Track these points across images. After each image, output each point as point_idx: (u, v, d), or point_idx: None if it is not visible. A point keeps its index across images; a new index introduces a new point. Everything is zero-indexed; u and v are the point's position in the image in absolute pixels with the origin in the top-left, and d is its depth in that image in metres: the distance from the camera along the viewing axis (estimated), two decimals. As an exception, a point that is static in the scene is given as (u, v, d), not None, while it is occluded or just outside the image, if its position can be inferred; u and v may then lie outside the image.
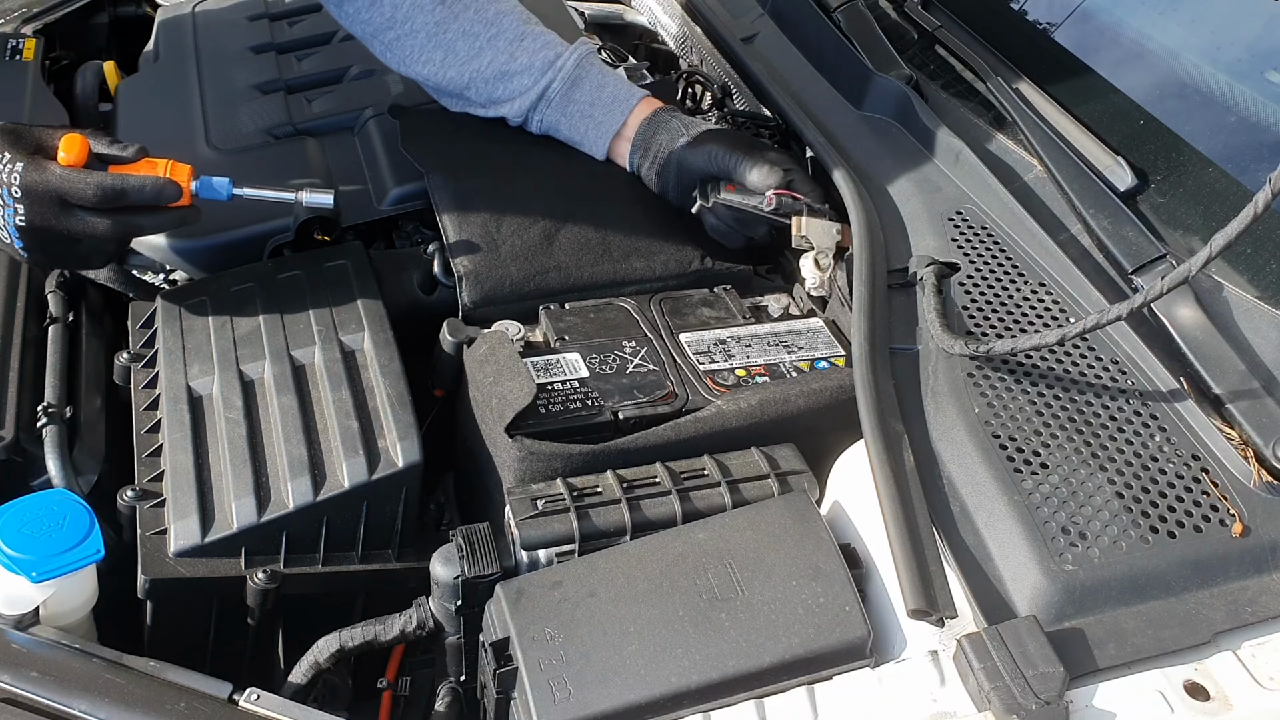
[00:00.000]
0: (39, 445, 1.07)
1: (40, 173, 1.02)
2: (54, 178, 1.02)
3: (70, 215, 1.04)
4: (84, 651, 0.90)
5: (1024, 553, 0.89)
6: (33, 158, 1.03)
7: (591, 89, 1.31)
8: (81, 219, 1.04)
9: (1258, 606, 0.89)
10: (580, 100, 1.31)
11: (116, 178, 1.04)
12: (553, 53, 1.31)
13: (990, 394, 1.01)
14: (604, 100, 1.31)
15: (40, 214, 1.03)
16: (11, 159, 1.02)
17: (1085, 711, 0.82)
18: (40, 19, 1.65)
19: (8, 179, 1.02)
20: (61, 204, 1.03)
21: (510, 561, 0.95)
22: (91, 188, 1.03)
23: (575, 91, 1.31)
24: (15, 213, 1.03)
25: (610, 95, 1.31)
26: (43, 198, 1.02)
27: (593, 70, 1.32)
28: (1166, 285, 0.90)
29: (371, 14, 1.29)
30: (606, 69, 1.34)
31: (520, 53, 1.30)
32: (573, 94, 1.31)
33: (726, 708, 0.84)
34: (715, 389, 1.08)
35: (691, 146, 1.25)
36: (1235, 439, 0.99)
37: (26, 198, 1.02)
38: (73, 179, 1.03)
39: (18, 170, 1.02)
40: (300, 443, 1.03)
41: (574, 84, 1.31)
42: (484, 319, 1.15)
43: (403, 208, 1.31)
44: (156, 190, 1.06)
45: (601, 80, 1.32)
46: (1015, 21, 1.52)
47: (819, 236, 1.19)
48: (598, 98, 1.31)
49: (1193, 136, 1.21)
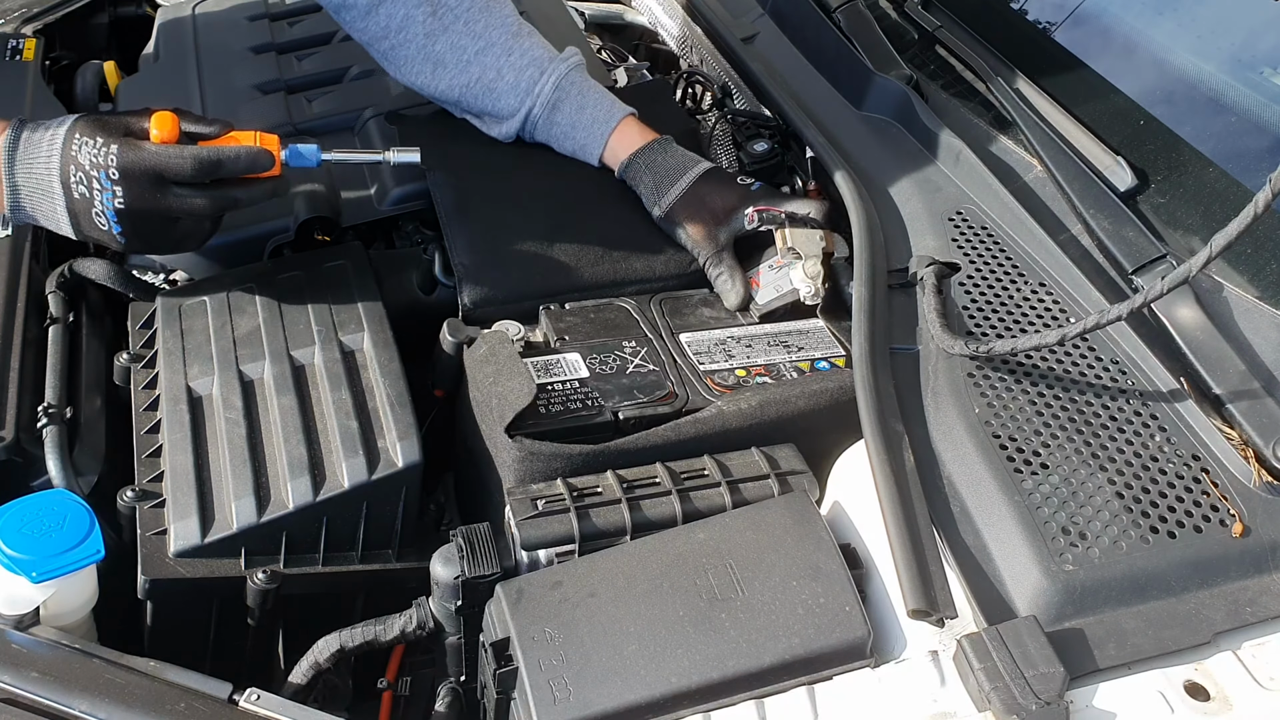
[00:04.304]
0: (39, 445, 1.07)
1: (136, 152, 1.01)
2: (151, 155, 1.01)
3: (169, 193, 1.03)
4: (84, 651, 0.90)
5: (1024, 553, 0.89)
6: (125, 139, 1.02)
7: (571, 111, 1.31)
8: (180, 196, 1.03)
9: (1258, 607, 0.89)
10: (561, 123, 1.32)
11: (212, 150, 1.03)
12: (536, 71, 1.30)
13: (990, 394, 1.01)
14: (584, 122, 1.31)
15: (139, 195, 1.02)
16: (105, 142, 1.01)
17: (1085, 711, 0.82)
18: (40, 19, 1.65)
19: (104, 161, 1.00)
20: (159, 182, 1.02)
21: (510, 561, 0.95)
22: (189, 161, 1.02)
23: (556, 115, 1.31)
24: (114, 196, 1.01)
25: (590, 118, 1.31)
26: (141, 177, 1.01)
27: (571, 92, 1.31)
28: (1166, 285, 0.90)
29: (367, 23, 1.29)
30: (586, 87, 1.33)
31: (507, 69, 1.30)
32: (554, 118, 1.31)
33: (727, 708, 0.84)
34: (715, 389, 1.08)
35: (664, 222, 1.26)
36: (1235, 439, 0.99)
37: (125, 179, 1.01)
38: (170, 154, 1.02)
39: (113, 152, 1.00)
40: (300, 443, 1.03)
41: (554, 108, 1.31)
42: (484, 319, 1.15)
43: (403, 208, 1.31)
44: (251, 159, 1.05)
45: (581, 102, 1.31)
46: (1015, 21, 1.52)
47: (805, 245, 1.20)
48: (578, 120, 1.31)
49: (1193, 136, 1.21)
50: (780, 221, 1.21)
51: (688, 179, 1.25)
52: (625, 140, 1.30)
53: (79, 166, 1.01)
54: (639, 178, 1.28)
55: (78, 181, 1.02)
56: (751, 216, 1.22)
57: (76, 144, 1.01)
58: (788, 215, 1.22)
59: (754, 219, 1.22)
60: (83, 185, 1.02)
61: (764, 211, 1.22)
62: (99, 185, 1.01)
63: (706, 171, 1.26)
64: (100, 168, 1.01)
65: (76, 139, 1.01)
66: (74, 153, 1.01)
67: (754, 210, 1.22)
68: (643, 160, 1.28)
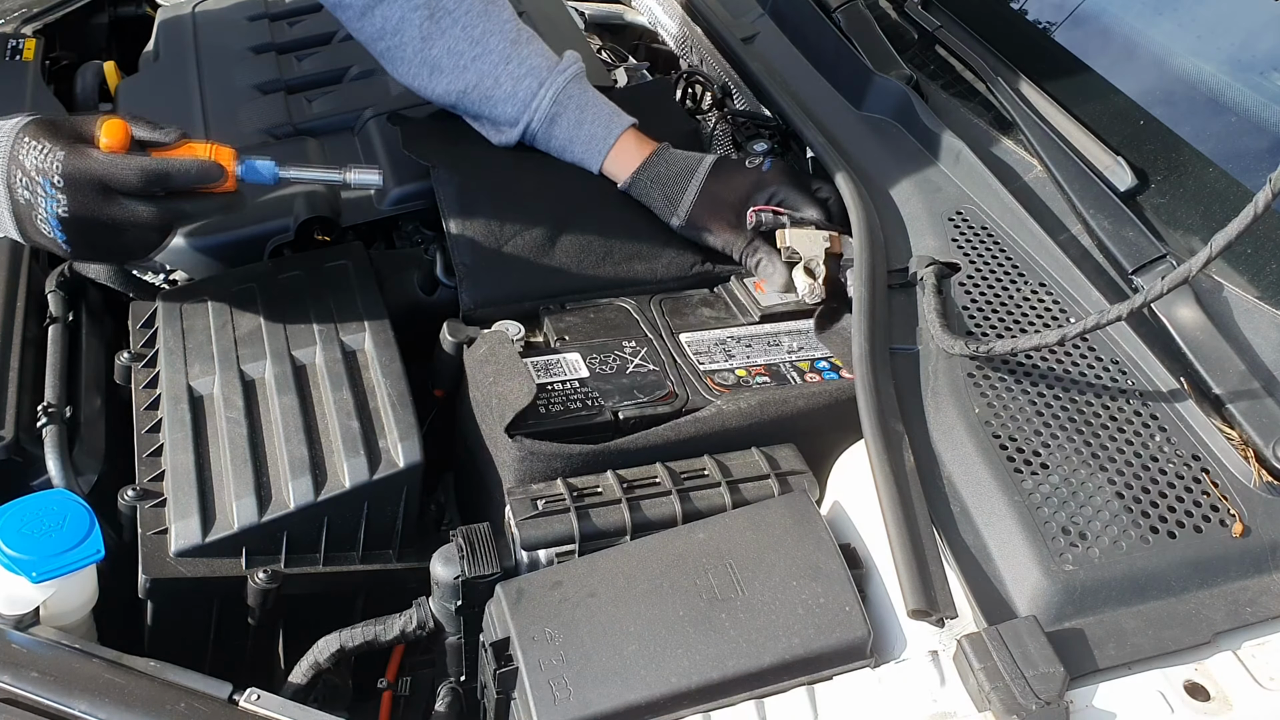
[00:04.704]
0: (39, 445, 1.07)
1: (82, 160, 0.98)
2: (96, 164, 0.99)
3: (114, 203, 1.00)
4: (84, 651, 0.90)
5: (1024, 553, 0.89)
6: (73, 145, 0.99)
7: (569, 126, 1.30)
8: (126, 206, 1.01)
9: (1258, 606, 0.89)
10: (559, 137, 1.31)
11: (160, 161, 1.01)
12: (534, 82, 1.28)
13: (990, 394, 1.01)
14: (581, 138, 1.30)
15: (83, 203, 0.99)
16: (51, 148, 0.98)
17: (1085, 711, 0.82)
18: (40, 19, 1.65)
19: (48, 167, 0.98)
20: (104, 191, 0.99)
21: (510, 561, 0.95)
22: (135, 172, 0.99)
23: (554, 129, 1.30)
24: (57, 203, 0.99)
25: (588, 134, 1.30)
26: (85, 186, 0.99)
27: (569, 106, 1.30)
28: (1166, 285, 0.90)
29: (363, 24, 1.28)
30: (585, 100, 1.31)
31: (504, 78, 1.28)
32: (552, 131, 1.31)
33: (726, 708, 0.84)
34: (715, 389, 1.08)
35: (688, 230, 1.26)
36: (1235, 439, 0.99)
37: (69, 186, 0.98)
38: (115, 164, 0.99)
39: (58, 158, 0.98)
40: (301, 443, 1.03)
41: (551, 121, 1.30)
42: (484, 319, 1.15)
43: (403, 208, 1.31)
44: (201, 173, 1.03)
45: (579, 117, 1.30)
46: (1015, 21, 1.52)
47: (806, 246, 1.20)
48: (575, 135, 1.30)
49: (1193, 136, 1.21)
50: (780, 224, 1.22)
51: (696, 182, 1.25)
52: (625, 155, 1.29)
53: (24, 171, 0.98)
54: (648, 194, 1.28)
55: (22, 186, 0.99)
56: (751, 216, 1.23)
57: (24, 147, 0.98)
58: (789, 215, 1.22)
59: (753, 219, 1.23)
60: (26, 190, 0.99)
61: (764, 212, 1.22)
62: (43, 192, 0.99)
63: (713, 167, 1.26)
64: (44, 173, 0.98)
65: (25, 142, 0.99)
66: (20, 156, 0.98)
67: (753, 211, 1.23)
68: (647, 176, 1.27)
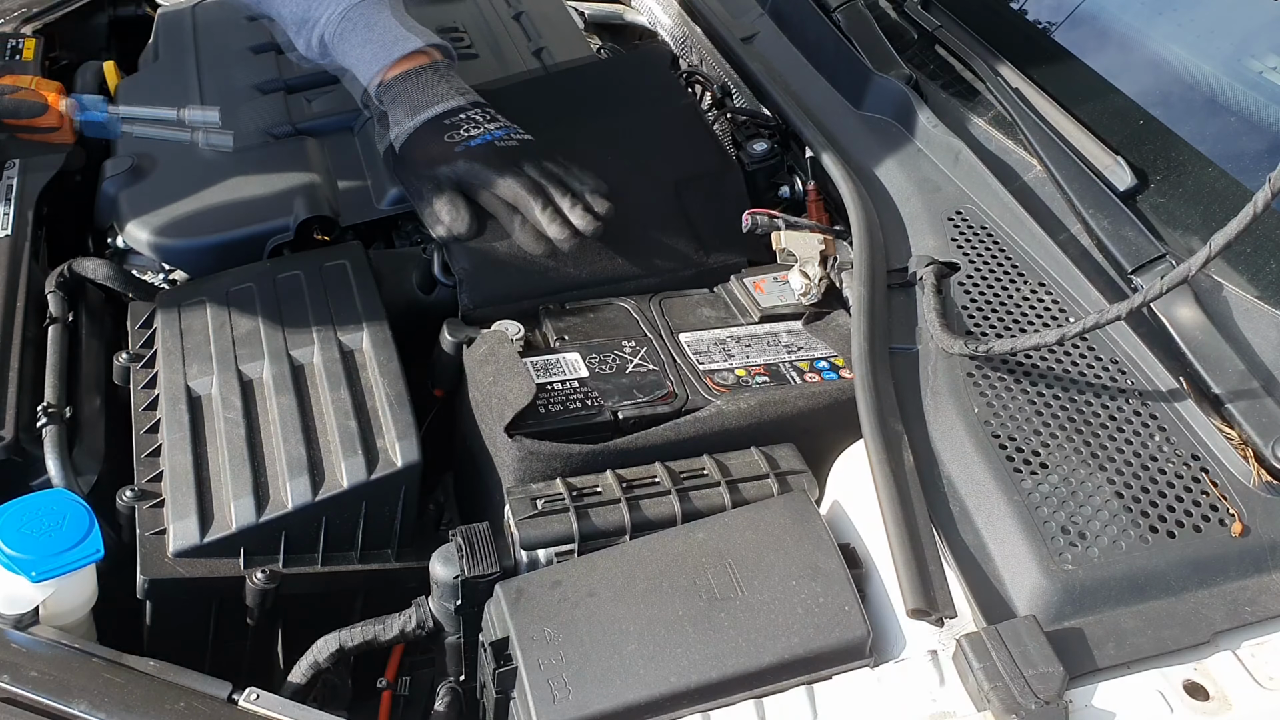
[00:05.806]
0: (39, 445, 1.07)
1: None
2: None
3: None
4: (84, 651, 0.90)
5: (1023, 552, 0.89)
6: None
7: (358, 44, 1.25)
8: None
9: (1257, 606, 0.89)
10: (349, 54, 1.26)
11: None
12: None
13: (990, 394, 1.01)
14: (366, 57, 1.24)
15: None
16: None
17: (1085, 711, 0.82)
18: (40, 19, 1.64)
19: None
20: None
21: (510, 561, 0.95)
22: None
23: (344, 43, 1.25)
24: None
25: (372, 53, 1.24)
26: None
27: (359, 24, 1.24)
28: (1166, 285, 0.90)
29: None
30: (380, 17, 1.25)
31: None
32: (343, 47, 1.26)
33: (726, 707, 0.84)
34: (715, 389, 1.08)
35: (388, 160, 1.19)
36: (1235, 439, 0.99)
37: None
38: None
39: None
40: (299, 443, 1.03)
41: (341, 37, 1.25)
42: (484, 319, 1.15)
43: (402, 207, 1.31)
44: (15, 104, 1.02)
45: (367, 36, 1.24)
46: (1015, 21, 1.52)
47: (801, 248, 1.20)
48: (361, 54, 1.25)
49: (1192, 136, 1.21)
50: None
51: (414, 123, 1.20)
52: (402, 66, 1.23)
53: None
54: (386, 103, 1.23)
55: None
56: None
57: None
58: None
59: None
60: None
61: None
62: None
63: (425, 124, 1.20)
64: None
65: None
66: None
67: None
68: (395, 89, 1.22)
